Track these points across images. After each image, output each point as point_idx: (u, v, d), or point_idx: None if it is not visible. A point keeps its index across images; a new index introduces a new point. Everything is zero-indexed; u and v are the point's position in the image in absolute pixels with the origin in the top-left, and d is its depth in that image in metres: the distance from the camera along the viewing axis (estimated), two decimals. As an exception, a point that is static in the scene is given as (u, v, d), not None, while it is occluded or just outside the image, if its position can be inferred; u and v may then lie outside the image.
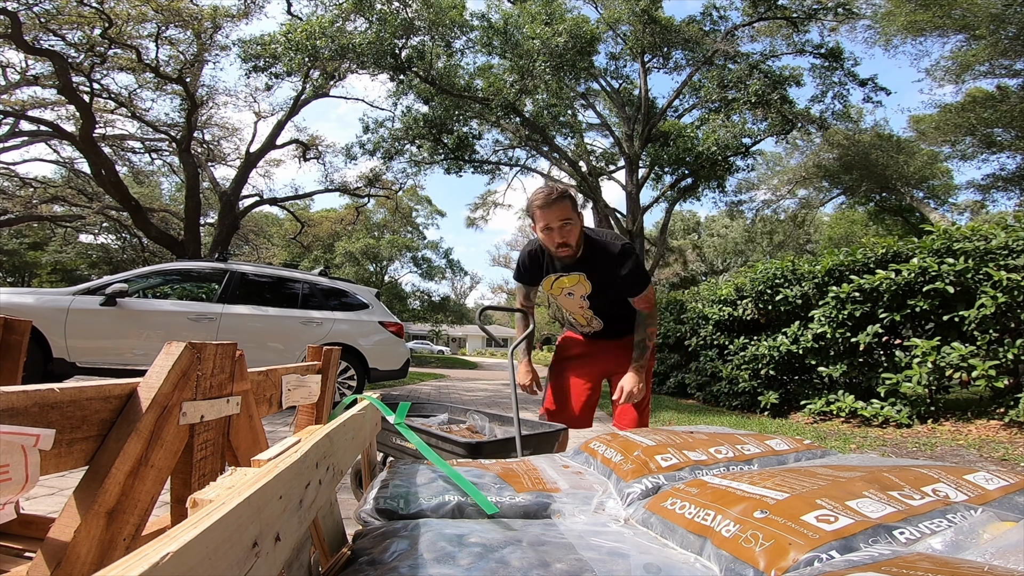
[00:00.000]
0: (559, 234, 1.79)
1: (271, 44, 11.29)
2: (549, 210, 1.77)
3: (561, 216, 1.77)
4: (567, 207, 1.78)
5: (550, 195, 1.77)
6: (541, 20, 11.03)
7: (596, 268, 1.91)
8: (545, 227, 1.80)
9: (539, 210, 1.78)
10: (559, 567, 0.54)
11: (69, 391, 0.54)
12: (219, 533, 0.30)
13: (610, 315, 2.03)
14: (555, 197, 1.76)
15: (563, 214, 1.77)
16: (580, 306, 2.02)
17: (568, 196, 1.79)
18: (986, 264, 3.82)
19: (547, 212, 1.77)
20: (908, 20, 12.46)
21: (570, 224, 1.79)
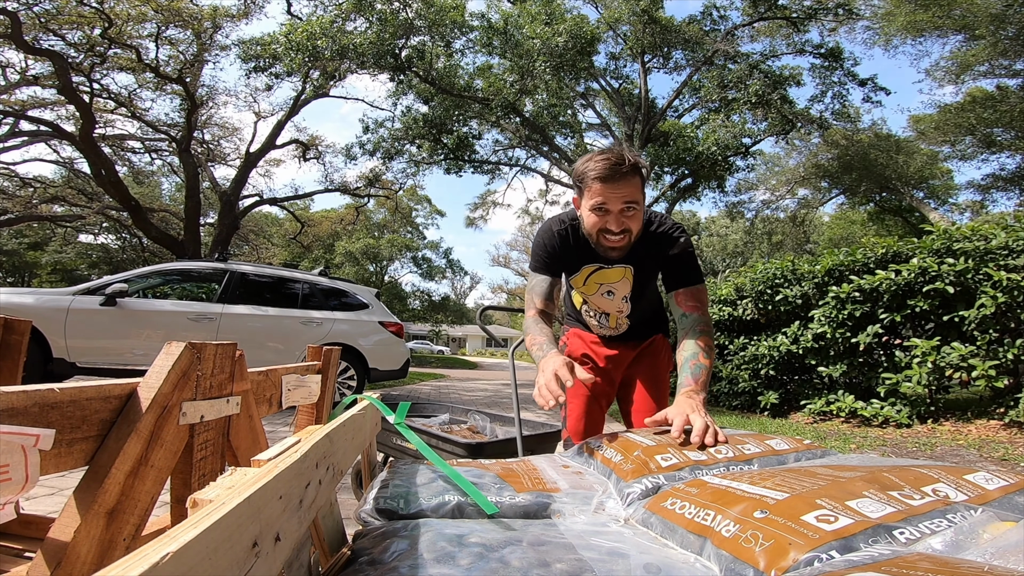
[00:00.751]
0: (617, 220, 1.30)
1: (271, 44, 11.30)
2: (613, 186, 1.26)
3: (627, 196, 1.27)
4: (637, 185, 1.28)
5: (619, 164, 1.24)
6: (541, 20, 11.03)
7: (648, 258, 1.45)
8: (599, 206, 1.29)
9: (599, 183, 1.26)
10: (559, 567, 0.54)
11: (69, 391, 0.54)
12: (219, 533, 0.30)
13: (642, 316, 1.65)
14: (626, 169, 1.25)
15: (630, 194, 1.27)
16: (619, 308, 1.58)
17: (640, 170, 1.29)
18: (986, 264, 3.82)
19: (609, 188, 1.26)
20: (908, 20, 12.46)
21: (635, 208, 1.30)
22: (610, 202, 1.28)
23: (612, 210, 1.29)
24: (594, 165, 1.27)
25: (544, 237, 1.47)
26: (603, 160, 1.26)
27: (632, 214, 1.30)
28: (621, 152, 1.27)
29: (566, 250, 1.45)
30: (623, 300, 1.55)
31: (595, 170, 1.26)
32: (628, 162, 1.25)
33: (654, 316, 1.70)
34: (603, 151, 1.30)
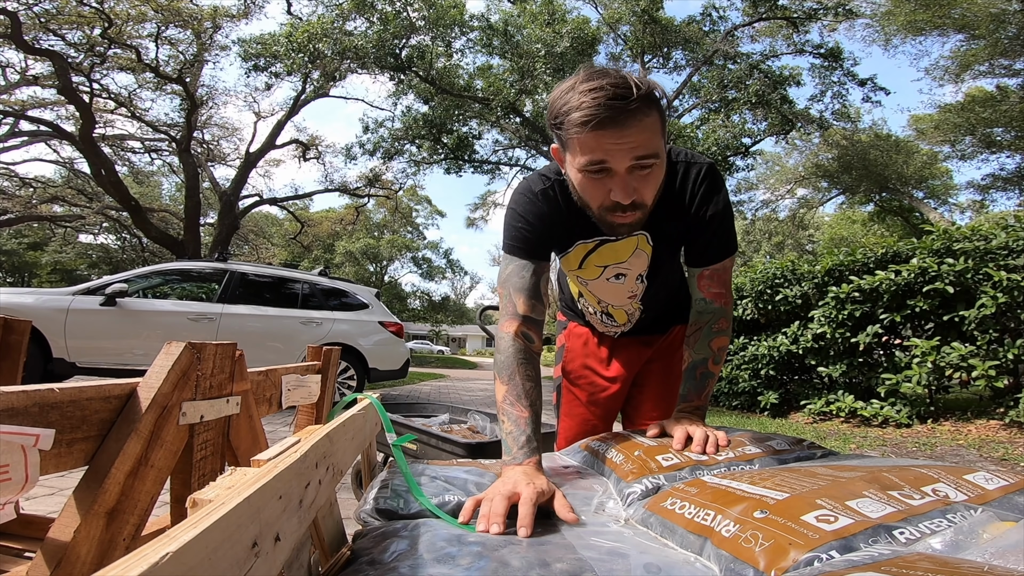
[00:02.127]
0: (624, 185, 0.82)
1: (273, 45, 11.30)
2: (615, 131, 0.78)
3: (638, 147, 0.79)
4: (654, 126, 0.80)
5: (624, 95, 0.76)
6: (543, 21, 11.03)
7: (673, 219, 1.00)
8: (594, 166, 0.82)
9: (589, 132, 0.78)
10: (559, 567, 0.54)
11: (69, 391, 0.54)
12: (219, 533, 0.30)
13: (660, 300, 1.20)
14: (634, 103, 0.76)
15: (644, 141, 0.79)
16: (632, 292, 1.15)
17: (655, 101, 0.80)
18: (986, 264, 3.82)
19: (607, 135, 0.78)
20: (907, 19, 12.46)
21: (653, 164, 0.82)
22: (613, 158, 0.80)
23: (617, 170, 0.81)
24: (580, 101, 0.78)
25: (522, 202, 0.99)
26: (595, 93, 0.77)
27: (647, 173, 0.83)
28: (623, 77, 0.78)
29: (554, 219, 0.98)
30: (637, 280, 1.12)
31: (582, 111, 0.77)
32: (636, 91, 0.77)
33: (674, 299, 1.27)
34: (593, 75, 0.80)
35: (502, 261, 1.03)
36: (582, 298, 1.26)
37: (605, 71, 0.80)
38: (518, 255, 0.99)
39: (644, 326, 1.27)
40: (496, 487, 0.74)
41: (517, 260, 0.99)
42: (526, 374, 0.92)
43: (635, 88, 0.77)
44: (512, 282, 0.98)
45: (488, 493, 0.73)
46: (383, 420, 1.04)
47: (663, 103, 0.83)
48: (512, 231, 1.00)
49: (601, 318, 1.26)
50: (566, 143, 0.85)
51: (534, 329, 0.96)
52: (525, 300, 0.97)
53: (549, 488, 0.75)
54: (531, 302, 0.97)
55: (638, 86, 0.78)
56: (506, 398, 0.90)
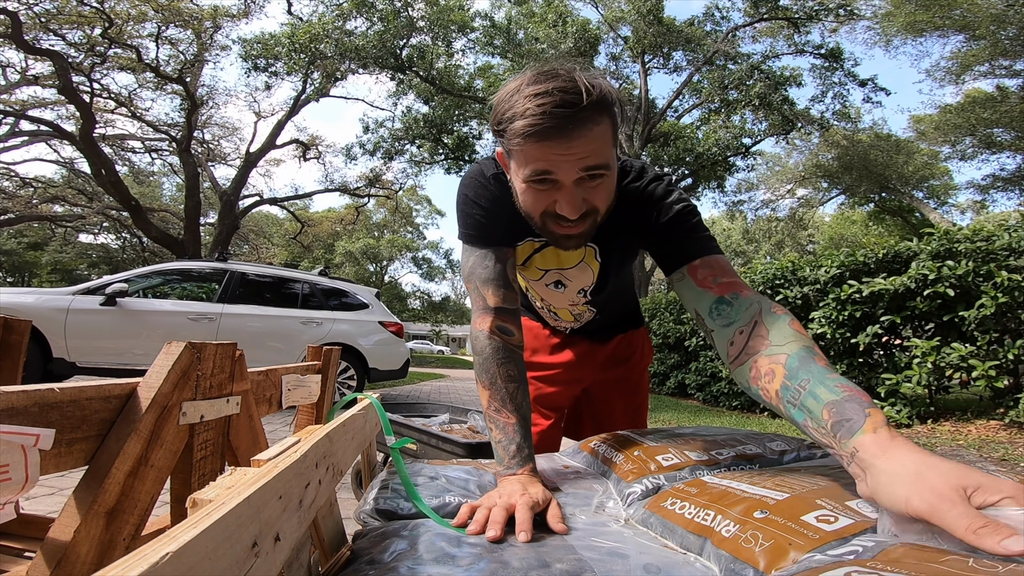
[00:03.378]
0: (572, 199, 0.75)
1: (274, 46, 11.31)
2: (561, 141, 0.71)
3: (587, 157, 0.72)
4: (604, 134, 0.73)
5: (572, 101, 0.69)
6: (548, 22, 11.04)
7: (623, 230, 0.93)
8: (539, 176, 0.75)
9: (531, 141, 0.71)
10: (559, 567, 0.54)
11: (69, 391, 0.54)
12: (218, 533, 0.30)
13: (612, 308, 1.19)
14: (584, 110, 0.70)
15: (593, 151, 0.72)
16: (572, 302, 1.11)
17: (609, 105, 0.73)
18: (987, 264, 3.82)
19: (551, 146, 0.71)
20: (908, 21, 12.47)
21: (602, 175, 0.76)
22: (559, 170, 0.73)
23: (564, 182, 0.74)
24: (524, 108, 0.71)
25: (473, 186, 0.91)
26: (540, 99, 0.69)
27: (598, 183, 0.76)
28: (572, 80, 0.71)
29: (508, 205, 0.87)
30: (578, 294, 1.07)
31: (526, 119, 0.70)
32: (586, 97, 0.69)
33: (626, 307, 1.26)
34: (540, 77, 0.72)
35: (463, 253, 0.95)
36: (530, 291, 1.17)
37: (555, 72, 0.73)
38: (477, 244, 0.92)
39: (596, 328, 1.20)
40: (492, 497, 0.71)
41: (477, 250, 0.91)
42: (508, 375, 0.85)
43: (585, 94, 0.70)
44: (477, 274, 0.90)
45: (484, 502, 0.69)
46: (382, 422, 1.04)
47: (616, 108, 0.75)
48: (467, 219, 0.92)
49: (550, 312, 1.19)
50: (510, 151, 0.78)
51: (510, 320, 0.89)
52: (494, 290, 0.89)
53: (545, 497, 0.71)
54: (501, 291, 0.89)
55: (588, 91, 0.70)
56: (491, 404, 0.85)
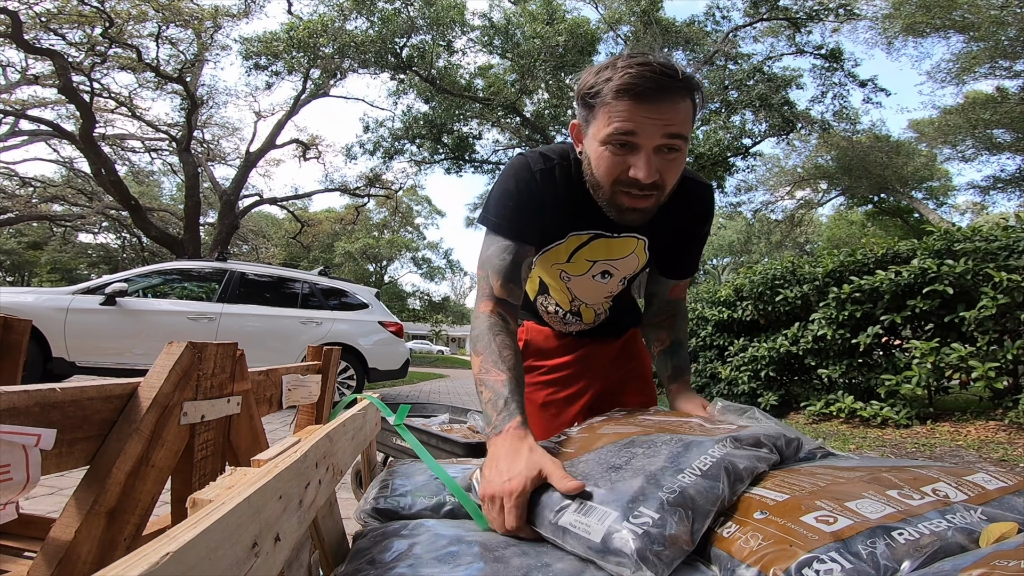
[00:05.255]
0: (649, 164, 0.79)
1: (273, 42, 11.31)
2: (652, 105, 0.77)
3: (671, 125, 0.78)
4: (687, 112, 0.81)
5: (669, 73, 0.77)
6: (542, 20, 11.05)
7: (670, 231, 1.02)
8: (621, 136, 0.79)
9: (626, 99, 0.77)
10: (559, 567, 0.54)
11: (70, 391, 0.54)
12: (218, 533, 0.30)
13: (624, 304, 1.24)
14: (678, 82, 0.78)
15: (678, 122, 0.79)
16: (608, 294, 1.12)
17: (695, 87, 0.82)
18: (986, 264, 3.82)
19: (643, 108, 0.77)
20: (908, 22, 12.47)
21: (679, 149, 0.82)
22: (644, 131, 0.77)
23: (643, 145, 0.79)
24: (624, 72, 0.76)
25: (518, 179, 0.92)
26: (641, 67, 0.76)
27: (674, 157, 0.81)
28: (668, 59, 0.80)
29: (551, 203, 0.93)
30: (622, 282, 1.09)
31: (625, 79, 0.76)
32: (680, 72, 0.78)
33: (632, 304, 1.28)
34: (639, 54, 0.80)
35: (484, 239, 0.96)
36: (542, 296, 1.18)
37: (651, 54, 0.81)
38: (503, 234, 0.93)
39: (603, 326, 1.23)
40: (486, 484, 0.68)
41: (501, 240, 0.93)
42: (503, 343, 0.86)
43: (680, 72, 0.79)
44: (492, 263, 0.92)
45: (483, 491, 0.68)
46: (381, 408, 1.05)
47: (699, 96, 0.83)
48: (501, 208, 0.93)
49: (565, 317, 1.18)
50: (596, 112, 0.82)
51: (510, 312, 0.91)
52: (503, 283, 0.91)
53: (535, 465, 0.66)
54: (509, 286, 0.91)
55: (683, 71, 0.79)
56: (482, 367, 0.84)
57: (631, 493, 0.57)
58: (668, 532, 0.53)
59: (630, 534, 0.52)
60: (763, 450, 0.69)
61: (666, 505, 0.55)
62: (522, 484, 0.64)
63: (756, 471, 0.64)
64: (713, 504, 0.58)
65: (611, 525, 0.54)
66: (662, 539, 0.52)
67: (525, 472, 0.66)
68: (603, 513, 0.56)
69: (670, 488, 0.57)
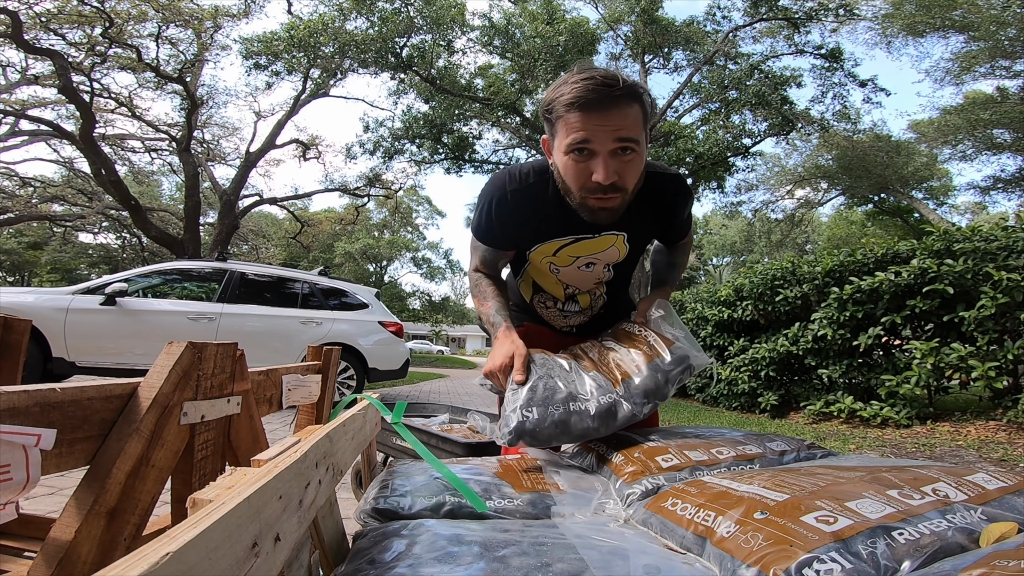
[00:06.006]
0: (606, 167, 0.88)
1: (274, 42, 11.30)
2: (599, 114, 0.86)
3: (620, 130, 0.87)
4: (636, 116, 0.89)
5: (610, 83, 0.86)
6: (542, 20, 11.05)
7: (646, 221, 1.11)
8: (580, 145, 0.89)
9: (576, 112, 0.87)
10: (559, 567, 0.54)
11: (70, 391, 0.54)
12: (218, 533, 0.30)
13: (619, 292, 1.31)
14: (619, 91, 0.86)
15: (626, 127, 0.88)
16: (597, 280, 1.21)
17: (641, 95, 0.90)
18: (986, 264, 3.82)
19: (592, 117, 0.87)
20: (908, 22, 12.47)
21: (633, 150, 0.90)
22: (596, 138, 0.87)
23: (599, 151, 0.88)
24: (571, 87, 0.87)
25: (490, 198, 1.05)
26: (584, 79, 0.86)
27: (630, 158, 0.90)
28: (612, 72, 0.88)
29: (523, 218, 1.05)
30: (606, 269, 1.18)
31: (572, 93, 0.86)
32: (621, 80, 0.86)
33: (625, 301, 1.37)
34: (584, 68, 0.90)
35: (471, 241, 1.18)
36: (537, 296, 1.30)
37: (597, 68, 0.91)
38: (481, 240, 1.15)
39: (600, 319, 1.32)
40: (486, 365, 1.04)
41: (480, 244, 1.16)
42: (487, 283, 1.17)
43: (620, 80, 0.87)
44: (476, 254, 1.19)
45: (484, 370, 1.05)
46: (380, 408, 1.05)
47: (647, 102, 0.93)
48: (477, 222, 1.12)
49: (562, 306, 1.29)
50: (555, 127, 0.93)
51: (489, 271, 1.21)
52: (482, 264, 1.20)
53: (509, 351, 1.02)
54: (487, 267, 1.21)
55: (624, 79, 0.88)
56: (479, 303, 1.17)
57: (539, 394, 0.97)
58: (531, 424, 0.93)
59: (515, 417, 0.94)
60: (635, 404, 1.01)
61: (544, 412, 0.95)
62: (503, 360, 1.01)
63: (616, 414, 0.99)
64: (560, 425, 0.95)
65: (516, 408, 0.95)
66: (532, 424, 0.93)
67: (505, 353, 1.02)
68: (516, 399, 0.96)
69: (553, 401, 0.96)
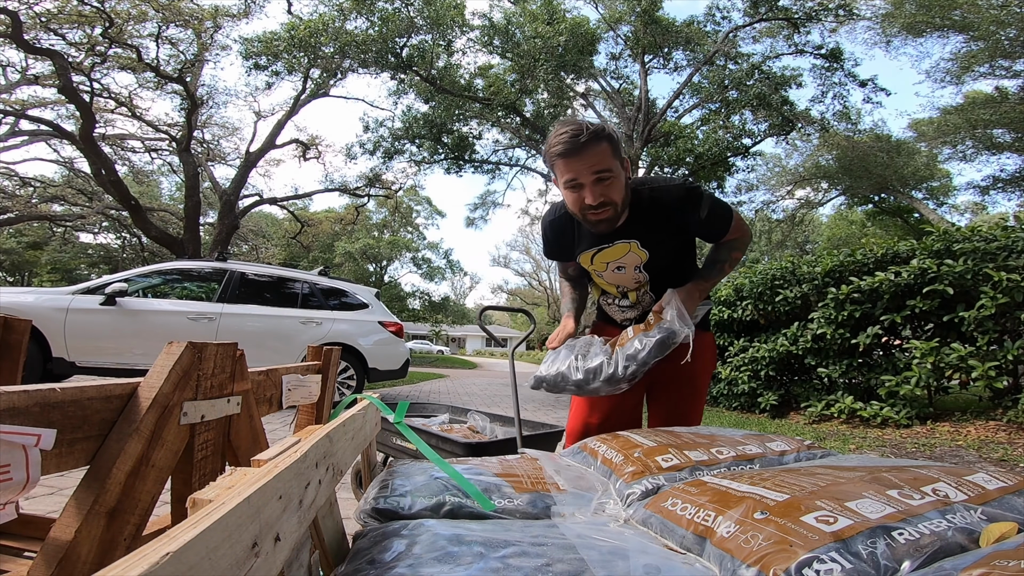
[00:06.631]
0: (592, 192, 1.22)
1: (274, 42, 11.29)
2: (576, 158, 1.21)
3: (595, 165, 1.21)
4: (604, 152, 1.21)
5: (577, 134, 1.19)
6: (542, 20, 11.05)
7: (653, 229, 1.35)
8: (570, 182, 1.24)
9: (560, 159, 1.23)
10: (559, 567, 0.54)
11: (70, 391, 0.54)
12: (218, 533, 0.30)
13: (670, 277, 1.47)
14: (585, 138, 1.19)
15: (598, 162, 1.21)
16: (636, 280, 1.47)
17: (605, 135, 1.22)
18: (985, 264, 3.82)
19: (572, 161, 1.21)
20: (908, 22, 12.46)
21: (609, 176, 1.22)
22: (580, 175, 1.23)
23: (584, 183, 1.23)
24: (554, 141, 1.23)
25: (542, 226, 1.56)
26: (560, 135, 1.22)
27: (608, 181, 1.23)
28: (577, 121, 1.23)
29: (560, 236, 1.50)
30: (637, 270, 1.45)
31: (556, 145, 1.22)
32: (588, 129, 1.20)
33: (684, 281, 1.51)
34: (561, 124, 1.25)
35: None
36: (601, 298, 1.63)
37: (570, 120, 1.27)
38: (549, 258, 1.63)
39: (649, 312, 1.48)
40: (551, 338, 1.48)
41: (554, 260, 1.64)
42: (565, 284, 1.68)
43: (585, 128, 1.21)
44: (558, 266, 1.69)
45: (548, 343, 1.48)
46: (381, 408, 1.05)
47: (612, 135, 1.25)
48: (543, 243, 1.61)
49: (618, 302, 1.57)
50: (553, 171, 1.30)
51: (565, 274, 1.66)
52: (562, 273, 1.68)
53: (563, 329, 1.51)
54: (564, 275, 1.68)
55: (588, 127, 1.21)
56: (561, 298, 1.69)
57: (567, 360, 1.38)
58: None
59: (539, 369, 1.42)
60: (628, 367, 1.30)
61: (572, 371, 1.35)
62: (557, 335, 1.48)
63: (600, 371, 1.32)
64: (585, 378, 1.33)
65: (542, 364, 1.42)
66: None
67: (558, 330, 1.51)
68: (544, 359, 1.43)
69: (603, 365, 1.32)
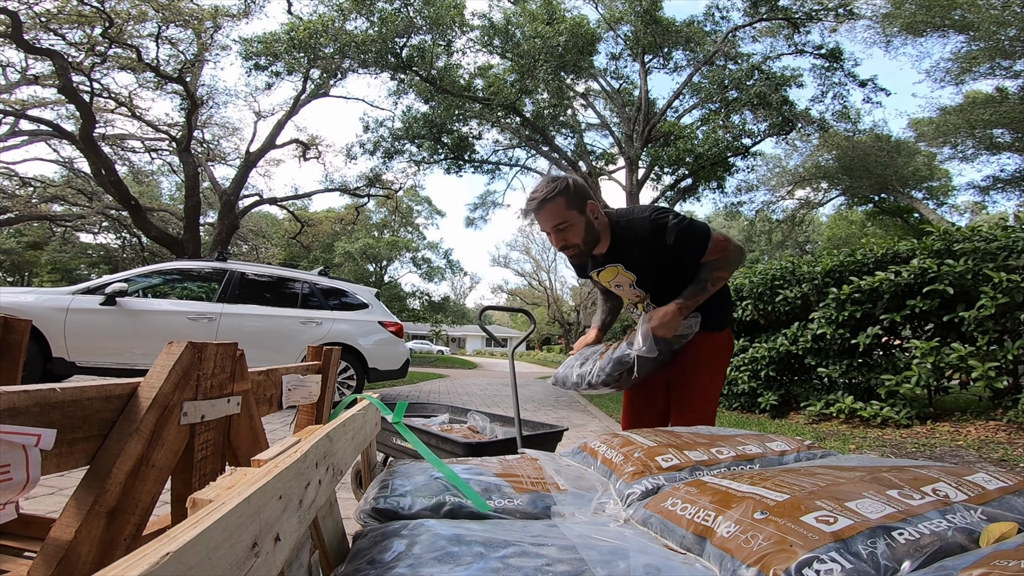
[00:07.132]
0: (556, 239, 1.58)
1: (274, 42, 11.28)
2: (538, 215, 1.57)
3: (552, 220, 1.54)
4: (558, 208, 1.52)
5: (534, 198, 1.54)
6: (542, 20, 11.04)
7: (631, 255, 1.63)
8: (544, 230, 1.61)
9: (531, 216, 1.60)
10: (559, 567, 0.54)
11: (70, 391, 0.54)
12: (218, 533, 0.30)
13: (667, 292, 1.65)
14: (540, 199, 1.52)
15: (552, 217, 1.53)
16: (636, 295, 1.73)
17: (558, 194, 1.52)
18: (985, 264, 3.82)
19: (536, 217, 1.58)
20: (908, 21, 12.46)
21: (565, 226, 1.54)
22: (544, 226, 1.59)
23: (550, 231, 1.58)
24: (527, 200, 1.59)
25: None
26: (530, 198, 1.57)
27: (565, 230, 1.55)
28: (536, 187, 1.57)
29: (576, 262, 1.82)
30: (632, 287, 1.71)
31: (526, 205, 1.59)
32: (543, 191, 1.53)
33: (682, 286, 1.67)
34: (536, 185, 1.60)
35: None
36: (626, 306, 1.91)
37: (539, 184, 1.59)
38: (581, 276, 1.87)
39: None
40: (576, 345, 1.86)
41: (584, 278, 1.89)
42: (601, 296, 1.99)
43: (538, 195, 1.54)
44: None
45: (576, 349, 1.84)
46: (381, 408, 1.04)
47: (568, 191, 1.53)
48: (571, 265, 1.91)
49: (634, 311, 1.84)
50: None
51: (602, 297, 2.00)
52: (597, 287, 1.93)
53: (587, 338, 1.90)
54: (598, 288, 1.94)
55: (541, 194, 1.53)
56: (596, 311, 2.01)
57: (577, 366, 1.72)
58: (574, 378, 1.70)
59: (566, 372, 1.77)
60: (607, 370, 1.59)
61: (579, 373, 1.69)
62: (580, 342, 1.90)
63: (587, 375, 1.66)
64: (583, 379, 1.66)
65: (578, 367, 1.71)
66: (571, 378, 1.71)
67: (584, 339, 1.91)
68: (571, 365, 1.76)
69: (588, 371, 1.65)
